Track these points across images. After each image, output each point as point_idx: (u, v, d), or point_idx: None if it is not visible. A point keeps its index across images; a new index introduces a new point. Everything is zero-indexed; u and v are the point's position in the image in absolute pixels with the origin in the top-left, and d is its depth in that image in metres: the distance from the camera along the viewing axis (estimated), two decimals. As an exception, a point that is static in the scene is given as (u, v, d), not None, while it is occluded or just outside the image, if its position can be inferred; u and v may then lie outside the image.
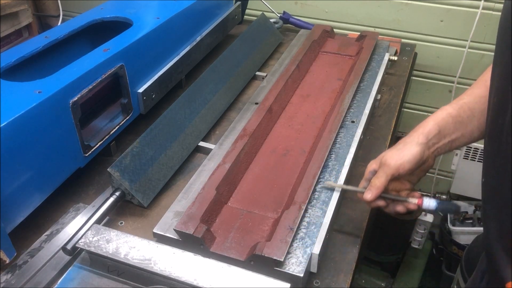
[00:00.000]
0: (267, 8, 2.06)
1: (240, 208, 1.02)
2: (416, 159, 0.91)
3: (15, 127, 0.91)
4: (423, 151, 0.91)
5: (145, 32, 1.30)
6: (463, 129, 0.93)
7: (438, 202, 0.93)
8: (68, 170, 1.10)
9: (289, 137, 1.24)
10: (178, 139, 1.22)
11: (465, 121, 0.92)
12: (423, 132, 0.92)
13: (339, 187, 1.05)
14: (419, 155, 0.91)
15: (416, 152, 0.91)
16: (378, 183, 0.92)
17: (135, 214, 1.09)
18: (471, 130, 0.93)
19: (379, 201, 0.94)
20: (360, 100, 1.35)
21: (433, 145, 0.93)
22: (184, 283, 0.83)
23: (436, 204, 0.93)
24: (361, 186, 0.97)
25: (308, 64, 1.56)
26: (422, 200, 0.93)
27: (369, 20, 2.09)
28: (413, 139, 0.92)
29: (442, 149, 0.94)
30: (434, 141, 0.93)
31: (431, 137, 0.92)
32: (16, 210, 0.96)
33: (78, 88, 1.08)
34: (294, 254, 0.89)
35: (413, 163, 0.91)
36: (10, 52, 1.17)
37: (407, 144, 0.92)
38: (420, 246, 2.39)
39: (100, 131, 1.22)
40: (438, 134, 0.92)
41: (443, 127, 0.92)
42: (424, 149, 0.91)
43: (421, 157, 0.91)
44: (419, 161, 0.91)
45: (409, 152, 0.91)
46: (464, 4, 1.91)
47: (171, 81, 1.45)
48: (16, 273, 0.92)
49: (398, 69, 1.70)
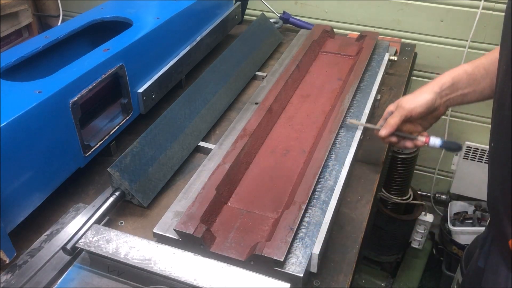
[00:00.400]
0: (267, 8, 2.07)
1: (240, 208, 1.02)
2: (428, 105, 1.04)
3: (15, 127, 0.91)
4: (435, 99, 1.04)
5: (145, 32, 1.30)
6: (476, 85, 1.03)
7: (443, 140, 1.09)
8: (68, 170, 1.10)
9: (289, 137, 1.24)
10: (178, 139, 1.22)
11: (478, 79, 1.02)
12: (438, 83, 1.05)
13: (361, 125, 1.21)
14: (431, 102, 1.04)
15: (429, 99, 1.04)
16: (392, 122, 1.08)
17: (135, 214, 1.09)
18: (483, 88, 1.03)
19: (392, 138, 1.10)
20: (360, 100, 1.34)
21: (446, 95, 1.05)
22: (184, 283, 0.83)
23: (441, 142, 1.09)
24: (378, 124, 1.13)
25: (308, 64, 1.56)
26: (429, 138, 1.09)
27: (369, 20, 2.09)
28: (428, 87, 1.06)
29: (454, 100, 1.06)
30: (447, 92, 1.05)
31: (445, 88, 1.04)
32: (16, 210, 0.96)
33: (78, 88, 1.08)
34: (294, 254, 0.89)
35: (424, 108, 1.05)
36: (10, 52, 1.17)
37: (422, 91, 1.06)
38: (420, 246, 2.39)
39: (100, 131, 1.22)
40: (451, 86, 1.04)
41: (457, 81, 1.04)
42: (436, 98, 1.04)
43: (432, 104, 1.05)
44: (430, 107, 1.05)
45: (422, 98, 1.05)
46: (464, 4, 1.91)
47: (171, 81, 1.45)
48: (16, 273, 0.92)
49: (398, 69, 1.70)
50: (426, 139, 1.09)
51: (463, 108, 2.19)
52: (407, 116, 1.06)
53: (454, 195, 2.36)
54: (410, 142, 1.11)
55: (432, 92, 1.04)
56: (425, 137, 1.09)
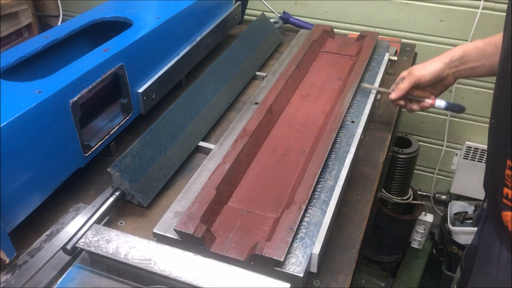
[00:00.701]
0: (267, 8, 2.07)
1: (240, 208, 1.02)
2: (436, 73, 1.15)
3: (15, 127, 0.91)
4: (444, 69, 1.15)
5: (145, 32, 1.30)
6: (485, 60, 1.11)
7: (447, 102, 1.22)
8: (68, 170, 1.10)
9: (289, 137, 1.24)
10: (178, 139, 1.22)
11: (488, 54, 1.09)
12: (449, 54, 1.15)
13: (374, 89, 1.35)
14: (439, 71, 1.15)
15: (438, 68, 1.15)
16: (402, 87, 1.19)
17: (135, 214, 1.09)
18: (492, 63, 1.09)
19: (400, 101, 1.23)
20: (360, 100, 1.35)
21: (455, 66, 1.15)
22: (184, 283, 0.83)
23: (445, 103, 1.22)
24: (391, 88, 1.25)
25: (308, 64, 1.56)
26: (435, 100, 1.21)
27: (369, 20, 2.09)
28: (439, 58, 1.16)
29: (462, 72, 1.16)
30: (456, 63, 1.14)
31: (454, 60, 1.14)
32: (16, 210, 0.96)
33: (78, 88, 1.08)
34: (294, 254, 0.89)
35: (432, 76, 1.16)
36: (10, 52, 1.17)
37: (433, 61, 1.17)
38: (420, 246, 2.39)
39: (100, 131, 1.22)
40: (461, 58, 1.13)
41: (467, 54, 1.13)
42: (444, 68, 1.15)
43: (441, 73, 1.15)
44: (439, 76, 1.16)
45: (431, 67, 1.16)
46: (464, 4, 1.91)
47: (171, 81, 1.45)
48: (16, 273, 0.92)
49: (398, 69, 1.70)
50: (432, 101, 1.20)
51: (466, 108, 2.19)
52: (416, 82, 1.17)
53: (454, 195, 2.36)
54: (417, 105, 1.22)
55: (442, 63, 1.14)
56: (432, 100, 1.20)
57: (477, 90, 2.09)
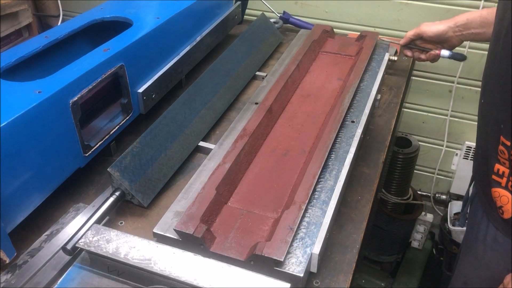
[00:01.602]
0: (267, 8, 2.07)
1: (240, 208, 1.02)
2: (438, 33, 1.41)
3: (15, 127, 0.91)
4: (447, 31, 1.38)
5: (145, 32, 1.30)
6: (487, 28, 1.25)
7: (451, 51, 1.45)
8: (68, 170, 1.10)
9: (289, 137, 1.24)
10: (178, 139, 1.22)
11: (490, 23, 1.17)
12: (454, 19, 1.36)
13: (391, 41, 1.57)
14: (442, 31, 1.39)
15: (442, 29, 1.39)
16: (408, 34, 1.50)
17: (135, 214, 1.09)
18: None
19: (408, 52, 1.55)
20: (360, 100, 1.34)
21: (459, 31, 1.36)
22: (184, 283, 0.83)
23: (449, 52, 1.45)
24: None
25: (308, 64, 1.56)
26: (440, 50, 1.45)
27: (369, 20, 2.09)
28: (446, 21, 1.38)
29: (466, 37, 1.37)
30: (460, 28, 1.35)
31: (459, 25, 1.35)
32: (16, 210, 0.96)
33: (78, 88, 1.08)
34: (294, 254, 0.89)
35: (435, 34, 1.41)
36: (10, 52, 1.17)
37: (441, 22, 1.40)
38: (420, 246, 2.39)
39: (100, 131, 1.22)
40: (464, 24, 1.33)
41: (471, 21, 1.31)
42: (448, 30, 1.38)
43: (444, 34, 1.40)
44: (441, 35, 1.40)
45: (436, 27, 1.40)
46: (464, 4, 1.91)
47: (171, 81, 1.45)
48: (16, 273, 0.92)
49: (398, 69, 1.70)
50: (438, 51, 1.44)
51: (463, 108, 2.20)
52: (420, 34, 1.45)
53: (454, 195, 2.36)
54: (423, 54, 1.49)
55: (447, 26, 1.36)
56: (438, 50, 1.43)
57: (477, 90, 2.09)
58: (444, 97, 2.18)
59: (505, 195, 0.99)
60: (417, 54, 1.50)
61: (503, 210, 1.00)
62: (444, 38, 1.39)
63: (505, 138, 0.95)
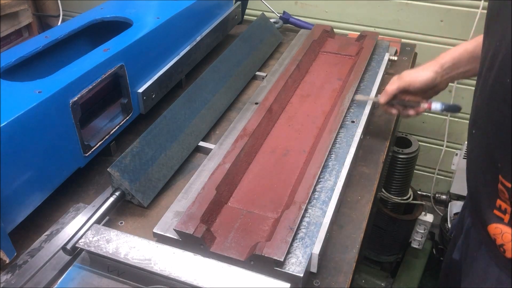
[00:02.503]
0: (267, 8, 2.07)
1: (240, 208, 1.02)
2: (427, 82, 1.13)
3: (15, 127, 0.91)
4: (436, 77, 1.12)
5: (145, 32, 1.29)
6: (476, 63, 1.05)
7: (443, 103, 1.17)
8: (68, 170, 1.10)
9: (289, 137, 1.24)
10: (178, 139, 1.22)
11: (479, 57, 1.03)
12: (439, 62, 1.13)
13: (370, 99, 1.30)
14: (431, 80, 1.12)
15: (429, 76, 1.12)
16: (389, 89, 1.16)
17: (135, 214, 1.09)
18: None
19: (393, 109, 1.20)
20: (360, 100, 1.34)
21: (446, 74, 1.13)
22: (184, 283, 0.83)
23: (441, 105, 1.16)
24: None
25: (308, 64, 1.56)
26: (431, 104, 1.16)
27: (369, 20, 2.09)
28: (430, 66, 1.13)
29: (455, 77, 1.14)
30: (448, 71, 1.12)
31: (445, 68, 1.12)
32: (16, 210, 0.96)
33: (78, 88, 1.08)
34: (294, 254, 0.89)
35: (423, 84, 1.13)
36: (10, 52, 1.17)
37: (425, 68, 1.14)
38: (420, 246, 2.39)
39: (100, 131, 1.22)
40: (452, 66, 1.12)
41: (458, 60, 1.11)
42: (436, 76, 1.12)
43: (433, 82, 1.13)
44: (430, 84, 1.13)
45: (423, 74, 1.13)
46: (464, 4, 1.91)
47: (171, 81, 1.45)
48: (16, 273, 0.92)
49: (398, 69, 1.70)
50: (428, 105, 1.16)
51: (463, 108, 2.19)
52: (405, 87, 1.14)
53: (454, 195, 2.36)
54: (411, 109, 1.18)
55: (433, 72, 1.12)
56: (427, 103, 1.16)
57: (477, 90, 2.08)
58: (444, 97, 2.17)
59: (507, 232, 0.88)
60: (404, 111, 1.19)
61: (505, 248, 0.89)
62: (432, 86, 1.14)
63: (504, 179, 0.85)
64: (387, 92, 1.16)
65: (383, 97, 1.17)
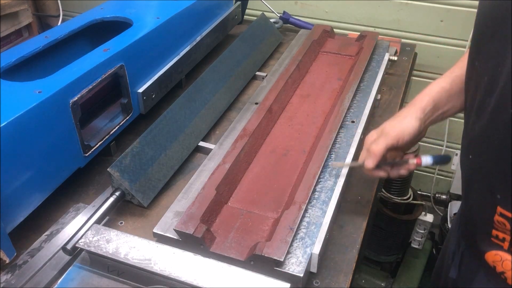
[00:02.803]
0: (267, 8, 2.06)
1: (240, 208, 1.02)
2: (415, 132, 0.96)
3: (15, 127, 0.91)
4: (420, 125, 0.96)
5: (145, 32, 1.29)
6: (455, 101, 0.98)
7: (433, 156, 0.99)
8: (68, 170, 1.10)
9: (289, 137, 1.24)
10: (178, 139, 1.22)
11: (457, 93, 0.97)
12: (421, 107, 0.97)
13: (346, 166, 1.10)
14: (418, 129, 0.96)
15: (415, 126, 0.95)
16: (376, 150, 0.94)
17: (135, 214, 1.09)
18: (462, 101, 0.96)
19: (380, 172, 0.98)
20: (360, 100, 1.35)
21: (428, 118, 0.98)
22: (184, 283, 0.83)
23: (432, 158, 0.99)
24: (362, 156, 0.99)
25: (308, 64, 1.56)
26: (420, 159, 0.99)
27: (369, 20, 2.09)
28: (412, 113, 0.97)
29: (435, 120, 1.00)
30: (429, 114, 0.98)
31: (427, 112, 0.97)
32: (16, 210, 0.96)
33: (78, 88, 1.08)
34: (294, 254, 0.89)
35: (412, 136, 0.96)
36: (10, 52, 1.17)
37: (407, 117, 0.96)
38: (420, 246, 2.39)
39: (100, 131, 1.22)
40: (432, 108, 0.97)
41: (437, 101, 0.97)
42: (421, 123, 0.96)
43: (419, 131, 0.96)
44: (418, 134, 0.97)
45: (410, 125, 0.95)
46: (464, 4, 1.91)
47: (171, 81, 1.45)
48: (16, 273, 0.92)
49: (398, 69, 1.70)
50: (417, 160, 0.99)
51: (463, 108, 2.19)
52: (394, 145, 0.95)
53: (454, 195, 2.36)
54: (402, 168, 1.00)
55: (417, 119, 0.96)
56: (416, 159, 0.99)
57: (477, 90, 2.08)
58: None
59: (507, 260, 0.83)
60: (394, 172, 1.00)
61: (506, 276, 0.85)
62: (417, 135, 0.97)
63: (504, 209, 0.79)
64: (374, 153, 0.94)
65: (370, 160, 0.95)
